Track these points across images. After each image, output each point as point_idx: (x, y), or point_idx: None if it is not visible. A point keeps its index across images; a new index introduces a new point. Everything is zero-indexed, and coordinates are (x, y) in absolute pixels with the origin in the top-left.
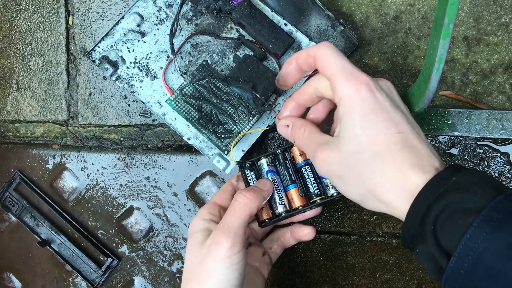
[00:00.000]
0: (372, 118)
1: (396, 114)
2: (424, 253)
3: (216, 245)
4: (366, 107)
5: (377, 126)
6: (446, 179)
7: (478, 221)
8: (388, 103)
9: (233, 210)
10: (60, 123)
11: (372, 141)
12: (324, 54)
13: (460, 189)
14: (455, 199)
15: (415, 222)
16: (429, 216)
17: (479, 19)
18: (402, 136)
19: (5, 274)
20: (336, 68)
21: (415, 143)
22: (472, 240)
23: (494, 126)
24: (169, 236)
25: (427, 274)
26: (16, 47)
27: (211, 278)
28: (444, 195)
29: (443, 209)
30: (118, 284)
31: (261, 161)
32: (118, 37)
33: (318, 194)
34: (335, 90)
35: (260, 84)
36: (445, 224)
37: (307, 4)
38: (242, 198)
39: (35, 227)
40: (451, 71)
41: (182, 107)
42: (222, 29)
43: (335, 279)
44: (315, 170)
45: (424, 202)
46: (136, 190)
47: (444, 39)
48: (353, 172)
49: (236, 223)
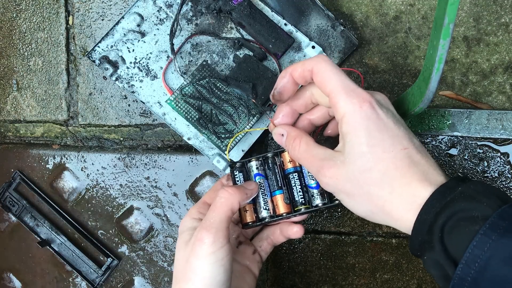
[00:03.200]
0: (377, 136)
1: (399, 130)
2: (432, 261)
3: (198, 242)
4: (370, 125)
5: (383, 144)
6: (453, 188)
7: (484, 229)
8: (391, 119)
9: (214, 206)
10: (60, 123)
11: (379, 159)
12: (322, 68)
13: (466, 198)
14: (462, 208)
15: (423, 230)
16: (436, 224)
17: (479, 19)
18: (407, 152)
19: (5, 274)
20: (336, 84)
21: (419, 157)
22: (479, 247)
23: (494, 126)
24: (169, 236)
25: (427, 274)
26: (16, 47)
27: (196, 276)
28: (451, 203)
29: (450, 217)
30: (118, 284)
31: (251, 163)
32: (118, 37)
33: (303, 203)
34: (336, 107)
35: (260, 84)
36: (452, 232)
37: (307, 4)
38: (223, 193)
39: (35, 227)
40: (451, 71)
41: (182, 107)
42: (222, 29)
43: (335, 279)
44: (303, 178)
45: (431, 211)
46: (136, 190)
47: (444, 39)
48: (361, 189)
49: (217, 218)
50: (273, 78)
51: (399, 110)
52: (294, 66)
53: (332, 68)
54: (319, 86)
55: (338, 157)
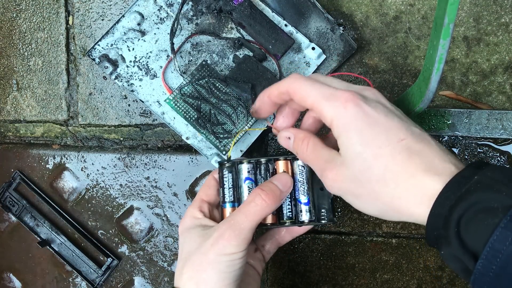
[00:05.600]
0: (369, 133)
1: (392, 122)
2: (450, 255)
3: (223, 241)
4: (359, 124)
5: (376, 140)
6: (468, 177)
7: (505, 222)
8: (381, 112)
9: (248, 211)
10: (60, 123)
11: (376, 155)
12: (296, 86)
13: (484, 188)
14: (479, 199)
15: (438, 225)
16: (451, 218)
17: (479, 19)
18: (405, 142)
19: (5, 274)
20: (314, 95)
21: (421, 146)
22: (500, 241)
23: (494, 126)
24: (169, 236)
25: (427, 274)
26: (16, 47)
27: (213, 269)
28: (467, 195)
29: (466, 210)
30: (118, 284)
31: (242, 166)
32: (118, 36)
33: (290, 218)
34: (323, 115)
35: (259, 85)
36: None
37: (307, 6)
38: (260, 201)
39: (35, 227)
40: (451, 71)
41: (181, 107)
42: (222, 29)
43: (335, 279)
44: (293, 192)
45: (446, 204)
46: (136, 190)
47: (444, 39)
48: (366, 189)
49: (248, 226)
50: (273, 79)
51: None
52: (271, 89)
53: (306, 82)
54: (301, 103)
55: (337, 159)
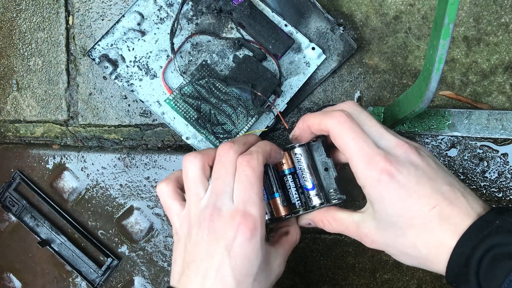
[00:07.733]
0: (402, 205)
1: (424, 189)
2: None
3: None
4: (393, 196)
5: (409, 211)
6: (490, 222)
7: None
8: (413, 179)
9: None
10: (60, 123)
11: (409, 226)
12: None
13: (504, 232)
14: (499, 242)
15: (459, 263)
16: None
17: (479, 19)
18: (436, 209)
19: (5, 274)
20: (353, 151)
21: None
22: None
23: (494, 126)
24: (169, 236)
25: (427, 274)
26: (16, 47)
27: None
28: (488, 238)
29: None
30: (118, 284)
31: None
32: (118, 36)
33: (301, 205)
34: (356, 175)
35: (259, 85)
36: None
37: (307, 6)
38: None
39: (35, 227)
40: (451, 71)
41: (181, 107)
42: (222, 29)
43: (335, 279)
44: (298, 179)
45: (469, 243)
46: (136, 190)
47: (444, 39)
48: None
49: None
50: (273, 79)
51: (399, 110)
52: (312, 119)
53: (349, 132)
54: (339, 147)
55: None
